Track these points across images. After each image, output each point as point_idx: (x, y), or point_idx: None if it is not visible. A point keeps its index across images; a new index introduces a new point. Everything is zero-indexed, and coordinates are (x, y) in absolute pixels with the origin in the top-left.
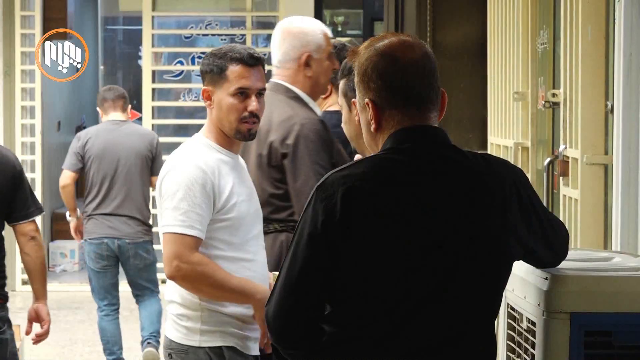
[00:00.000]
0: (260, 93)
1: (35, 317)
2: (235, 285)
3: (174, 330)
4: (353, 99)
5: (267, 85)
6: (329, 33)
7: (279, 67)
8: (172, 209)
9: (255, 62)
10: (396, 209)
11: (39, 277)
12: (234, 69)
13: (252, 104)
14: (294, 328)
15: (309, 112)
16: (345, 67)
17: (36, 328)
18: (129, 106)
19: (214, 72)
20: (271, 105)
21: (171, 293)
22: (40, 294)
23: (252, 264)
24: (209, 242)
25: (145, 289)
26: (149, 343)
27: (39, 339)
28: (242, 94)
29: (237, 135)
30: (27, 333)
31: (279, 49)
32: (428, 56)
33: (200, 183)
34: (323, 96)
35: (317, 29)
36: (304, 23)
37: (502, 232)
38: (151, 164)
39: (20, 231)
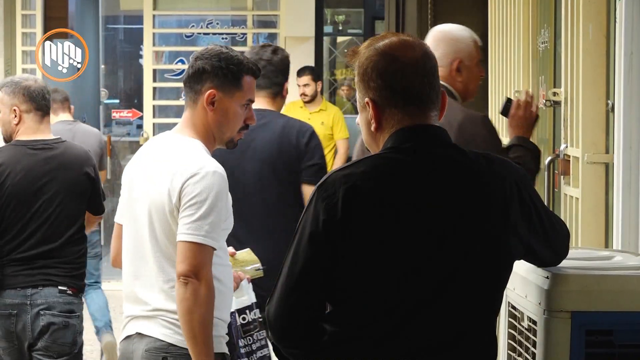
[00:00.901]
0: None
1: None
2: (210, 338)
3: (174, 334)
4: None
5: None
6: (479, 41)
7: None
8: (198, 218)
9: (259, 74)
10: (397, 209)
11: None
12: (248, 80)
13: (253, 117)
14: (295, 327)
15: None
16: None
17: None
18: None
19: (227, 78)
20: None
21: (168, 300)
22: None
23: (230, 269)
24: (217, 252)
25: (92, 280)
26: (107, 331)
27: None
28: (247, 105)
29: (229, 143)
30: None
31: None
32: (428, 56)
33: (225, 192)
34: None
35: (468, 37)
36: (458, 31)
37: (503, 232)
38: (99, 159)
39: (89, 219)
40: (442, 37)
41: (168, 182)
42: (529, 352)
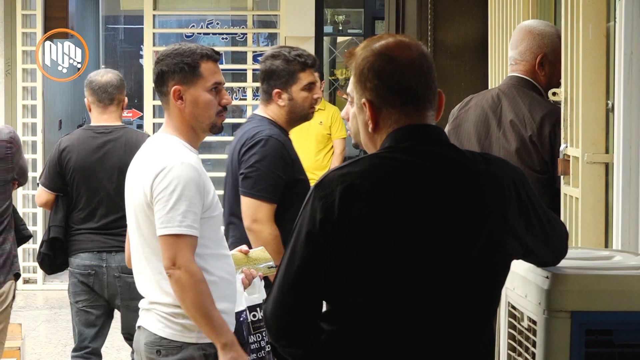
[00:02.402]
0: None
1: None
2: (213, 316)
3: (165, 327)
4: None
5: (510, 80)
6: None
7: (514, 63)
8: (169, 210)
9: (219, 57)
10: (395, 208)
11: None
12: (206, 66)
13: (227, 97)
14: (292, 326)
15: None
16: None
17: None
18: None
19: (185, 71)
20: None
21: (159, 293)
22: None
23: (229, 259)
24: (200, 241)
25: None
26: None
27: None
28: (216, 88)
29: (212, 129)
30: None
31: (517, 47)
32: (425, 56)
33: (195, 182)
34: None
35: (553, 34)
36: (543, 26)
37: (501, 231)
38: None
39: None
40: (527, 32)
41: (142, 180)
42: (528, 352)
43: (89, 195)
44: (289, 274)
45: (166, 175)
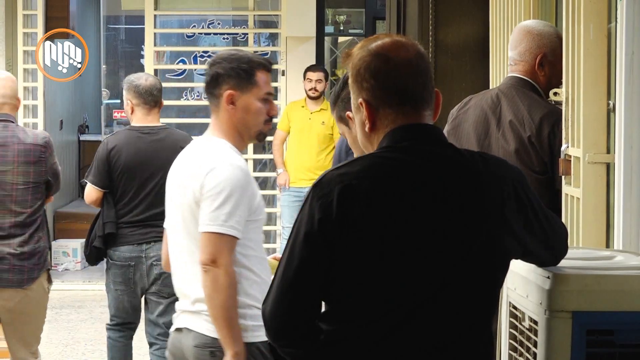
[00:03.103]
0: None
1: None
2: (235, 322)
3: None
4: (348, 113)
5: (509, 81)
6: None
7: (513, 64)
8: (215, 209)
9: (271, 68)
10: (393, 208)
11: None
12: (261, 75)
13: (275, 108)
14: (291, 326)
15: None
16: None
17: None
18: None
19: (241, 77)
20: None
21: None
22: None
23: (267, 264)
24: (245, 242)
25: None
26: None
27: None
28: (266, 99)
29: (259, 136)
30: None
31: (516, 48)
32: (421, 56)
33: (243, 184)
34: None
35: (552, 34)
36: (542, 26)
37: (500, 231)
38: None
39: None
40: (526, 33)
41: (192, 180)
42: (530, 352)
43: (135, 191)
44: (288, 274)
45: (217, 175)
